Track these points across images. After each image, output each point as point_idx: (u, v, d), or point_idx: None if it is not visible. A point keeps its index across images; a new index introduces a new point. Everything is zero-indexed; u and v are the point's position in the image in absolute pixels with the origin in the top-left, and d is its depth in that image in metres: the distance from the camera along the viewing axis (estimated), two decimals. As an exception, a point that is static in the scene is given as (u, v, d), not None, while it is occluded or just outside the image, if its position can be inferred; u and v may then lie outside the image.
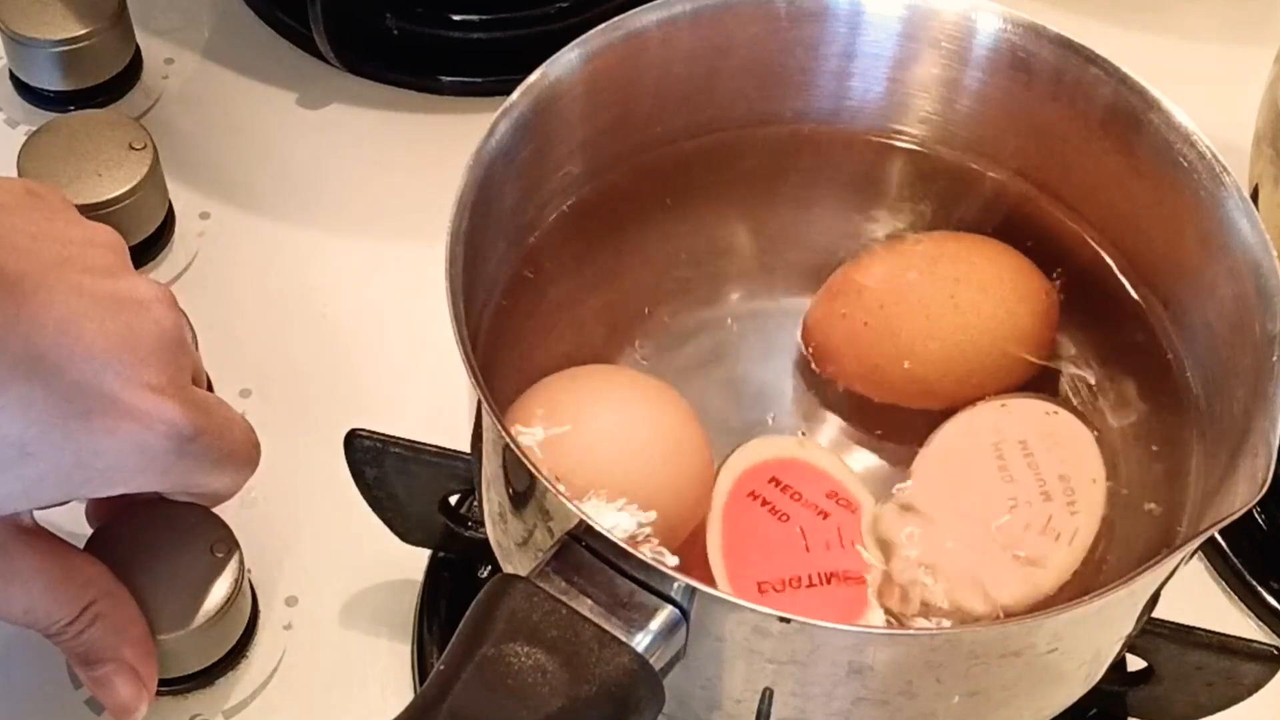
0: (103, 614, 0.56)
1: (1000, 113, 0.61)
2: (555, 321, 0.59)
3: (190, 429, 0.52)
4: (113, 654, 0.57)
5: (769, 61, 0.61)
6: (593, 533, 0.48)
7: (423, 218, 0.66)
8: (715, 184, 0.62)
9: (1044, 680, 0.52)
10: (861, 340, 0.58)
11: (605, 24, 0.58)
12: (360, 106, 0.81)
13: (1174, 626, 0.57)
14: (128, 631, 0.57)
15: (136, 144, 0.72)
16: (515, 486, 0.51)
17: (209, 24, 0.84)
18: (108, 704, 0.58)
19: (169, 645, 0.59)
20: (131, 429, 0.51)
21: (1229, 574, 0.68)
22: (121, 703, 0.57)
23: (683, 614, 0.48)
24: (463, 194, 0.53)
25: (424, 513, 0.62)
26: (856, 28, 0.61)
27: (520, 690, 0.46)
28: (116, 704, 0.57)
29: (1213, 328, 0.57)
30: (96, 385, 0.50)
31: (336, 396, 0.70)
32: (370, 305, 0.74)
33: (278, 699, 0.63)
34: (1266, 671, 0.57)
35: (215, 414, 0.54)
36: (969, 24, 0.60)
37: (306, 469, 0.67)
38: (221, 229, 0.76)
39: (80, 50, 0.77)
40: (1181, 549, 0.49)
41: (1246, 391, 0.53)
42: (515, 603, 0.47)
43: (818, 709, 0.50)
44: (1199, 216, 0.56)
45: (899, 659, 0.49)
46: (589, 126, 0.59)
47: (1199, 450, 0.57)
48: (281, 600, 0.65)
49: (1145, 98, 0.58)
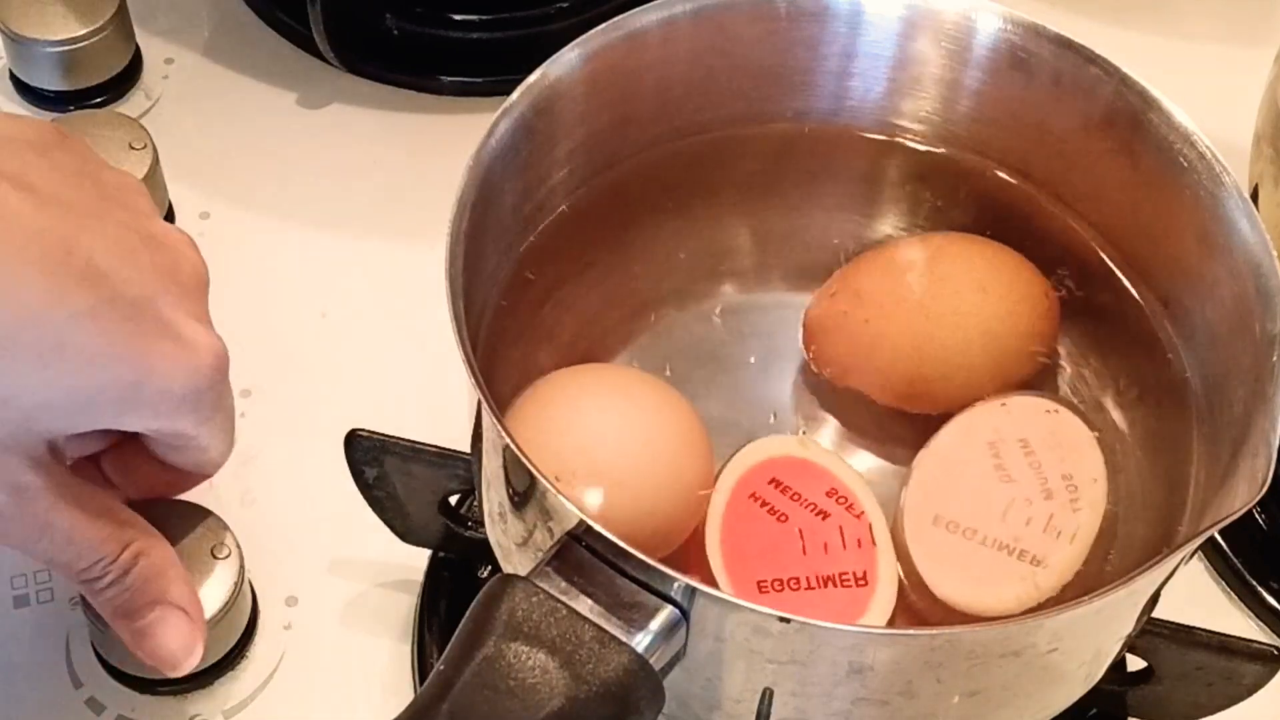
0: (144, 552, 0.55)
1: (1000, 113, 0.61)
2: (555, 321, 0.59)
3: (227, 362, 0.54)
4: (158, 596, 0.55)
5: (769, 61, 0.61)
6: (593, 533, 0.48)
7: (423, 218, 0.66)
8: (715, 184, 0.62)
9: (1044, 680, 0.52)
10: (861, 340, 0.58)
11: (605, 24, 0.58)
12: (360, 106, 0.81)
13: (1174, 626, 0.57)
14: (171, 571, 0.56)
15: (136, 144, 0.72)
16: (515, 486, 0.51)
17: (209, 24, 0.84)
18: (157, 657, 0.55)
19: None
20: (184, 353, 0.52)
21: (1229, 574, 0.68)
22: (171, 651, 0.55)
23: (683, 614, 0.48)
24: (463, 194, 0.53)
25: (424, 513, 0.62)
26: (856, 28, 0.61)
27: (520, 690, 0.46)
28: (167, 653, 0.55)
29: (1213, 328, 0.57)
30: (154, 309, 0.51)
31: (336, 396, 0.70)
32: (370, 305, 0.74)
33: (278, 699, 0.63)
34: (1266, 671, 0.57)
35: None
36: (969, 24, 0.60)
37: (306, 469, 0.67)
38: (221, 229, 0.76)
39: (80, 50, 0.77)
40: (1181, 549, 0.49)
41: (1246, 391, 0.53)
42: (515, 603, 0.47)
43: (818, 709, 0.50)
44: (1199, 216, 0.56)
45: (899, 659, 0.49)
46: (589, 126, 0.59)
47: (1199, 450, 0.57)
48: (281, 600, 0.65)
49: (1145, 98, 0.58)
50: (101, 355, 0.50)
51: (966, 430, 0.57)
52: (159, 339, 0.51)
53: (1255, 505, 0.49)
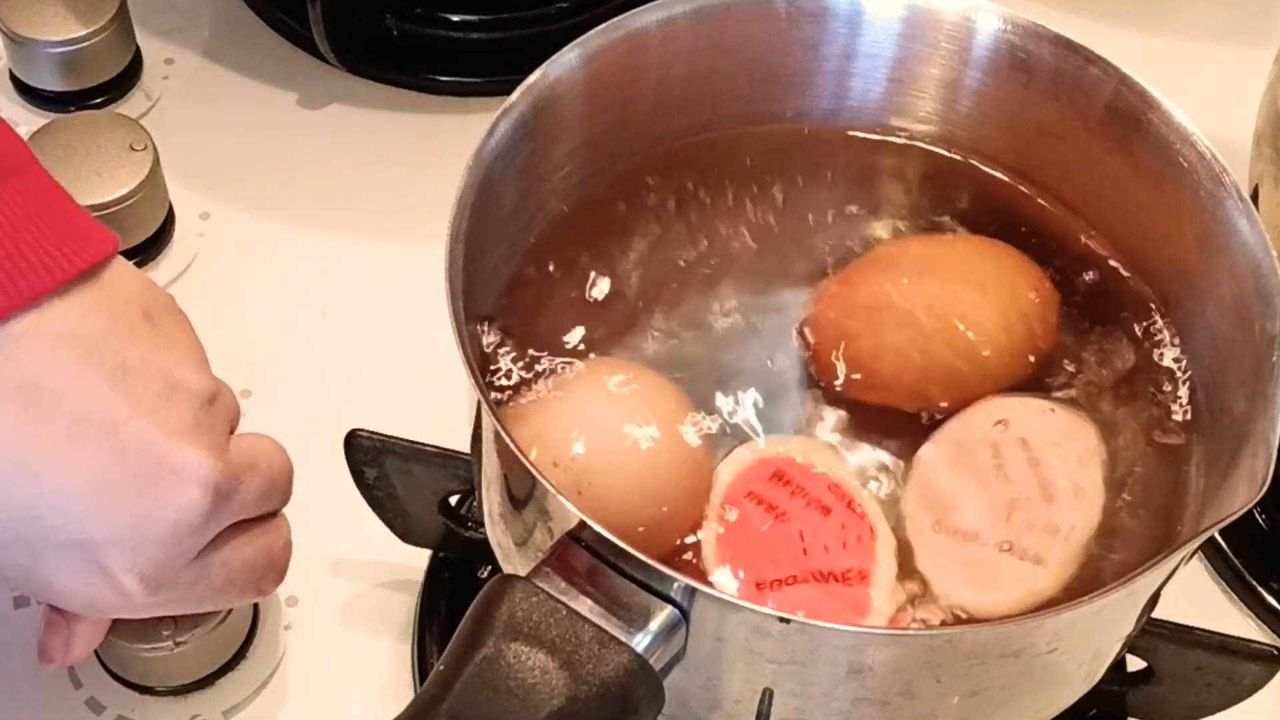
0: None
1: (1000, 113, 0.61)
2: (555, 321, 0.59)
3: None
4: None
5: (769, 61, 0.61)
6: (592, 533, 0.48)
7: (423, 218, 0.66)
8: (715, 184, 0.62)
9: (1044, 680, 0.52)
10: (861, 340, 0.58)
11: (605, 24, 0.58)
12: (360, 106, 0.81)
13: (1174, 626, 0.57)
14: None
15: (136, 144, 0.72)
16: (515, 486, 0.51)
17: (209, 24, 0.84)
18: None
19: (171, 651, 0.59)
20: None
21: (1229, 574, 0.68)
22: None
23: (682, 614, 0.48)
24: (463, 194, 0.53)
25: (424, 513, 0.62)
26: (856, 28, 0.61)
27: (520, 690, 0.46)
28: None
29: (1213, 328, 0.57)
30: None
31: (336, 396, 0.70)
32: (370, 305, 0.74)
33: (278, 699, 0.63)
34: (1266, 671, 0.57)
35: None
36: (969, 24, 0.60)
37: (306, 469, 0.67)
38: (221, 229, 0.76)
39: (80, 50, 0.77)
40: (1181, 549, 0.49)
41: (1246, 391, 0.53)
42: (515, 603, 0.47)
43: (817, 709, 0.50)
44: (1199, 216, 0.56)
45: (899, 659, 0.49)
46: (589, 126, 0.59)
47: (1199, 450, 0.57)
48: (281, 600, 0.65)
49: (1145, 98, 0.58)
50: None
51: (967, 430, 0.57)
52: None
53: (1255, 505, 0.49)
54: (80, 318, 0.50)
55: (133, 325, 0.51)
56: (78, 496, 0.50)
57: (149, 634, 0.59)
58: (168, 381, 0.51)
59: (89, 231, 0.51)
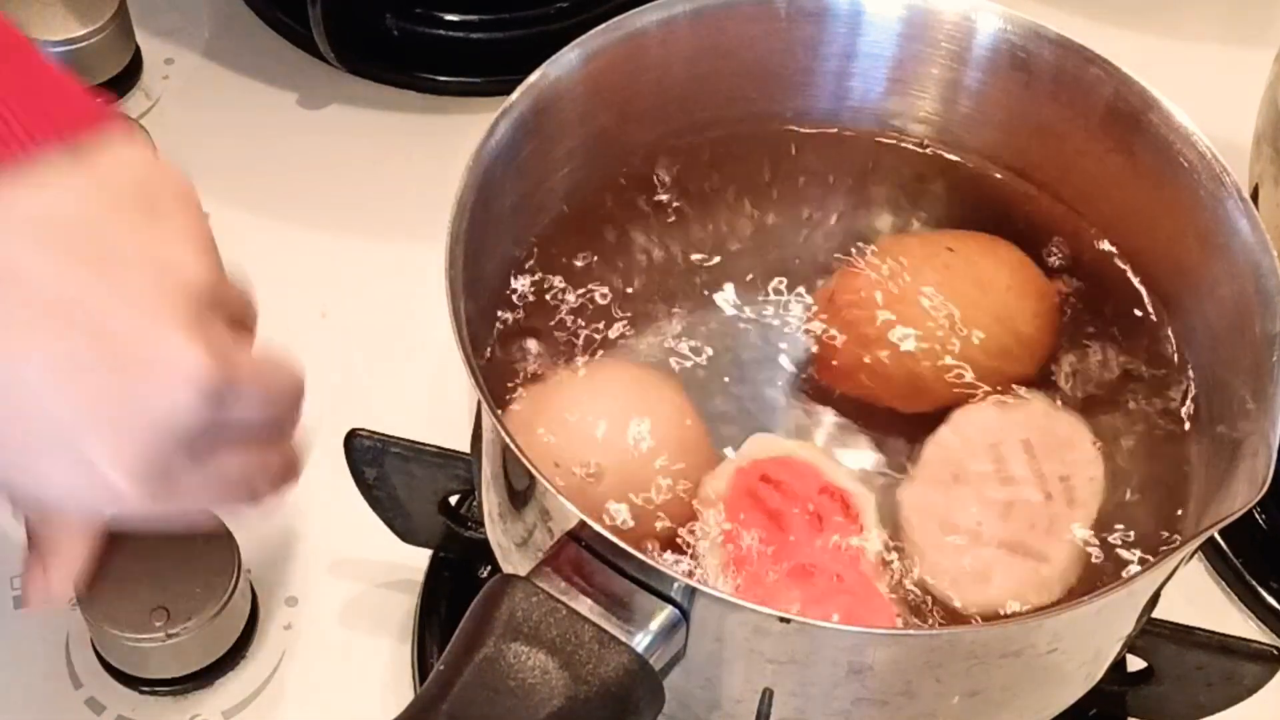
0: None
1: (1000, 113, 0.61)
2: (555, 321, 0.59)
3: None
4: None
5: (769, 61, 0.61)
6: (592, 533, 0.48)
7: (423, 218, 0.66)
8: (715, 184, 0.62)
9: (1044, 680, 0.52)
10: (861, 339, 0.58)
11: (605, 24, 0.58)
12: (360, 106, 0.81)
13: (1174, 626, 0.57)
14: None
15: (137, 144, 0.72)
16: (515, 486, 0.51)
17: (209, 24, 0.84)
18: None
19: (168, 645, 0.59)
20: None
21: (1229, 574, 0.68)
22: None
23: (682, 614, 0.48)
24: (463, 194, 0.53)
25: (424, 513, 0.62)
26: (856, 28, 0.61)
27: (520, 690, 0.46)
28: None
29: (1213, 328, 0.57)
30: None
31: (336, 396, 0.70)
32: (370, 305, 0.74)
33: (278, 699, 0.63)
34: (1266, 671, 0.57)
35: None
36: (969, 24, 0.60)
37: (307, 469, 0.67)
38: (221, 228, 0.75)
39: (80, 50, 0.77)
40: (1181, 549, 0.49)
41: (1246, 391, 0.53)
42: (515, 603, 0.47)
43: (817, 709, 0.50)
44: (1199, 216, 0.56)
45: (899, 659, 0.49)
46: (589, 126, 0.59)
47: (1199, 450, 0.57)
48: (281, 600, 0.65)
49: (1145, 98, 0.58)
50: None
51: (967, 430, 0.57)
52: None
53: (1255, 505, 0.49)
54: (57, 201, 0.48)
55: (126, 212, 0.49)
56: (47, 371, 0.47)
57: (141, 624, 0.59)
58: (161, 269, 0.49)
59: (75, 107, 0.50)
